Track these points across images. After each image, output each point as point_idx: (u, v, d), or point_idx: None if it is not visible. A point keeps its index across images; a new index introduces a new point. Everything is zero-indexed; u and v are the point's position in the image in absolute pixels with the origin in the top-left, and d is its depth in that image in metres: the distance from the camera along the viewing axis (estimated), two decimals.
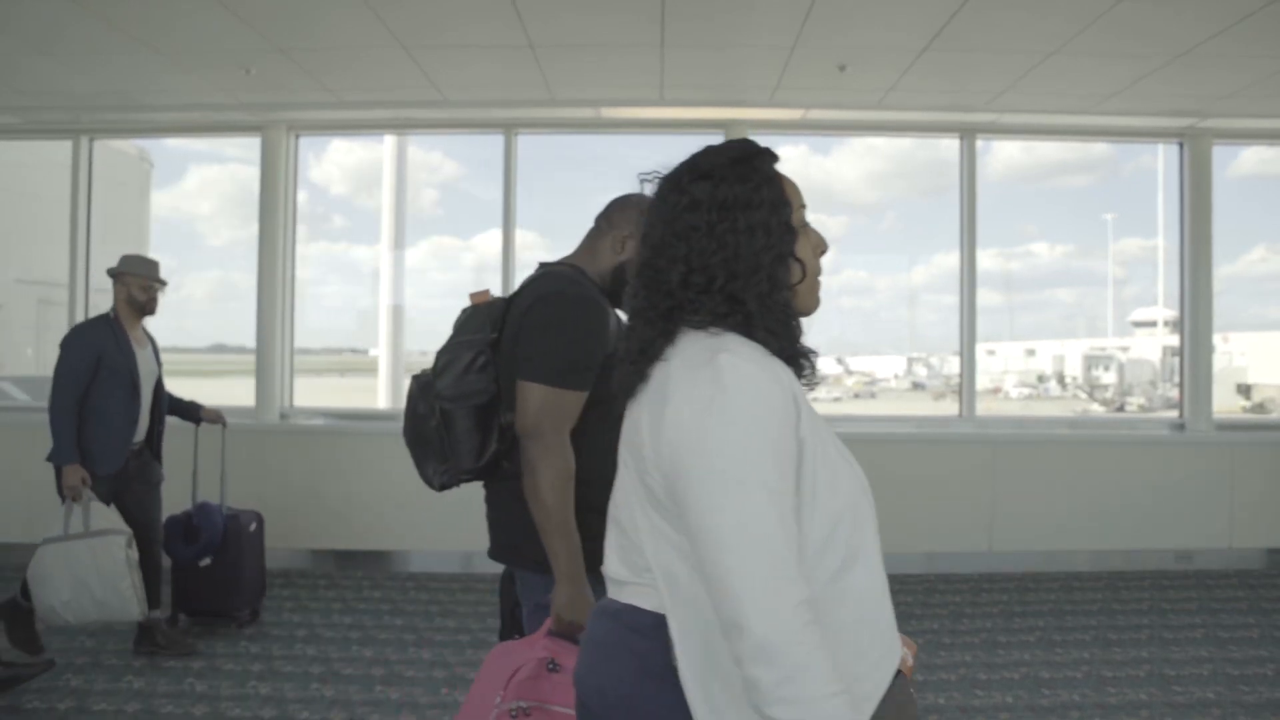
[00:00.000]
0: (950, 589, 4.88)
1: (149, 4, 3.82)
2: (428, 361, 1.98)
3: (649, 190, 1.33)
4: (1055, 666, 3.75)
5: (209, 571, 4.09)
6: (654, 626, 1.18)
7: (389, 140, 6.29)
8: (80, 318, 5.65)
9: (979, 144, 5.59)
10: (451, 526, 5.24)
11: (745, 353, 1.13)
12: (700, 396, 1.10)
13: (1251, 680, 3.59)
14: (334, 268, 6.63)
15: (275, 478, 4.25)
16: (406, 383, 2.01)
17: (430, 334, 6.64)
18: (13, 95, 5.06)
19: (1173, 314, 6.01)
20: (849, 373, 9.22)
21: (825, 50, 4.29)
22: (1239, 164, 6.20)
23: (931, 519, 5.18)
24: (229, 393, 4.41)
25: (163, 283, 3.93)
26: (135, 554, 3.51)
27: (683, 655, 1.14)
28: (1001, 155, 6.22)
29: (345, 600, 4.63)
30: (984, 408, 5.66)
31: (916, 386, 8.46)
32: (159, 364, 3.98)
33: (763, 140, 1.29)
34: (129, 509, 3.66)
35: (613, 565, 1.28)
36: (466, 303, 2.00)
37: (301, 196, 5.79)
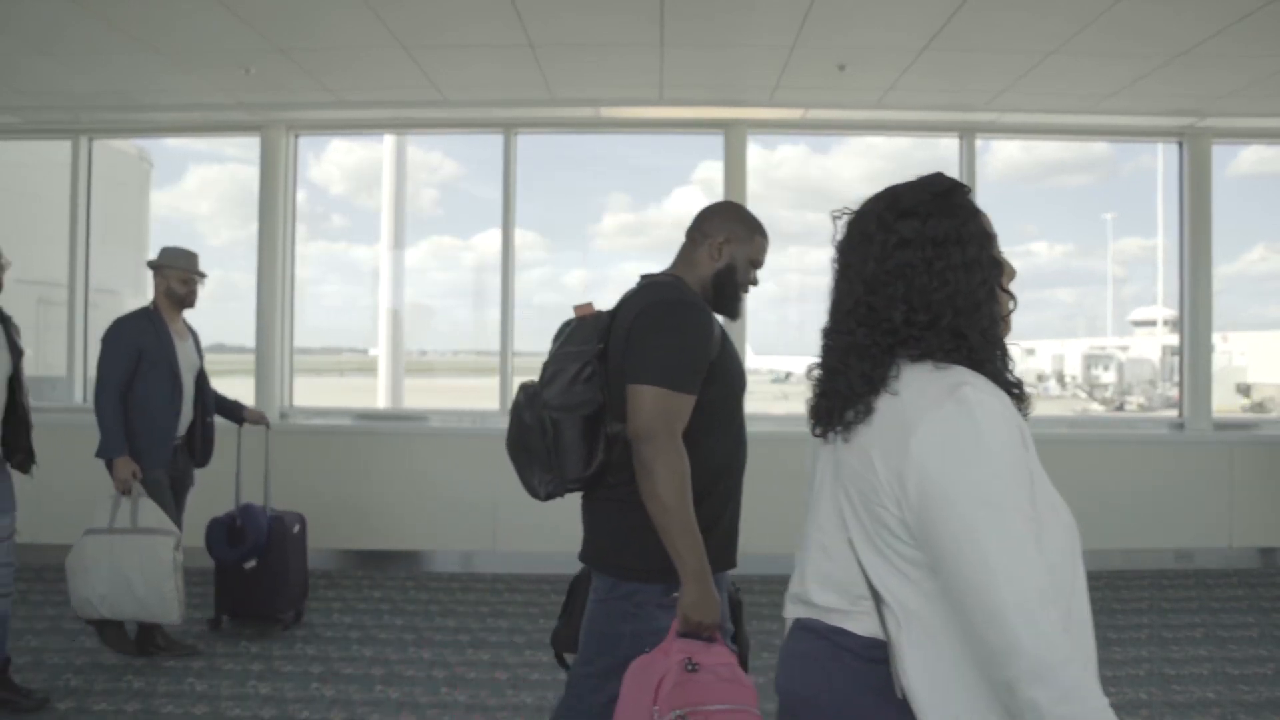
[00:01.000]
0: None
1: (149, 4, 3.82)
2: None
3: (839, 226, 1.39)
4: None
5: (253, 574, 4.06)
6: (867, 648, 1.21)
7: (388, 140, 6.30)
8: (80, 318, 5.66)
9: (978, 143, 5.59)
10: (452, 526, 5.26)
11: (983, 385, 1.16)
12: (950, 429, 1.12)
13: (1251, 679, 3.59)
14: (333, 267, 6.64)
15: (274, 477, 4.23)
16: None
17: (430, 334, 6.65)
18: (12, 95, 5.06)
19: (1172, 313, 6.02)
20: None
21: (825, 50, 4.29)
22: (1238, 163, 6.21)
23: None
24: (229, 392, 4.42)
25: (202, 275, 3.92)
26: (181, 556, 3.49)
27: (920, 685, 1.15)
28: (1001, 155, 6.24)
29: (345, 600, 4.63)
30: None
31: None
32: (200, 357, 3.97)
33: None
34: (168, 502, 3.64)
35: (819, 594, 1.29)
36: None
37: (301, 196, 5.80)
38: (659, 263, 2.19)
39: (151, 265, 3.86)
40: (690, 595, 1.76)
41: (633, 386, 1.83)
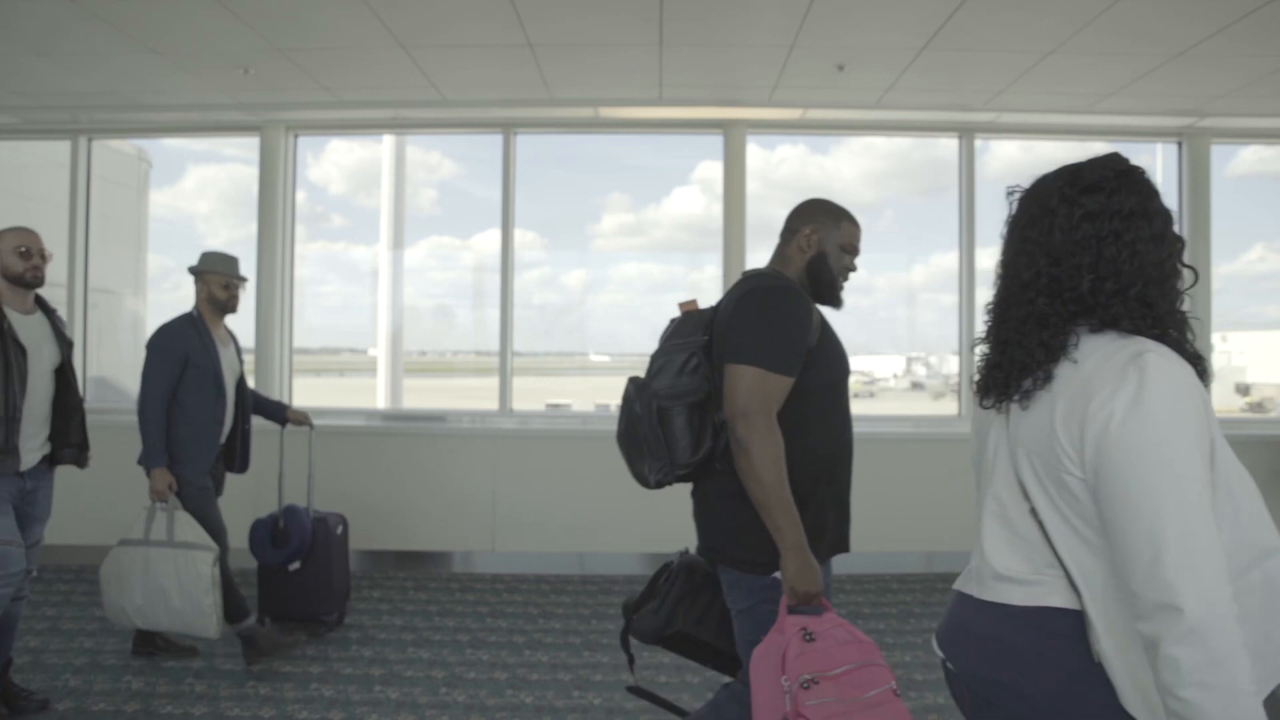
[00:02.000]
0: (950, 588, 4.87)
1: (148, 4, 3.82)
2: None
3: (1012, 202, 1.43)
4: None
5: (297, 575, 4.06)
6: (1071, 627, 1.22)
7: (388, 140, 6.29)
8: (79, 318, 5.66)
9: (977, 143, 5.60)
10: (451, 527, 5.26)
11: (1166, 354, 1.19)
12: (1132, 395, 1.15)
13: None
14: (333, 267, 6.62)
15: (271, 476, 4.23)
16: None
17: (429, 334, 6.64)
18: (11, 96, 5.06)
19: None
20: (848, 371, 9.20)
21: (824, 50, 4.30)
22: (1237, 163, 6.20)
23: (931, 518, 5.19)
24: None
25: (243, 279, 3.89)
26: (218, 572, 3.46)
27: (1110, 649, 1.18)
28: (1000, 154, 6.22)
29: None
30: None
31: (915, 386, 8.46)
32: (241, 362, 3.95)
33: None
34: (198, 515, 3.58)
35: (1005, 562, 1.30)
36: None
37: (300, 196, 5.79)
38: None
39: (192, 271, 3.83)
40: (792, 567, 1.81)
41: (729, 366, 1.89)
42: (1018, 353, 1.28)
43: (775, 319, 1.92)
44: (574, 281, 6.45)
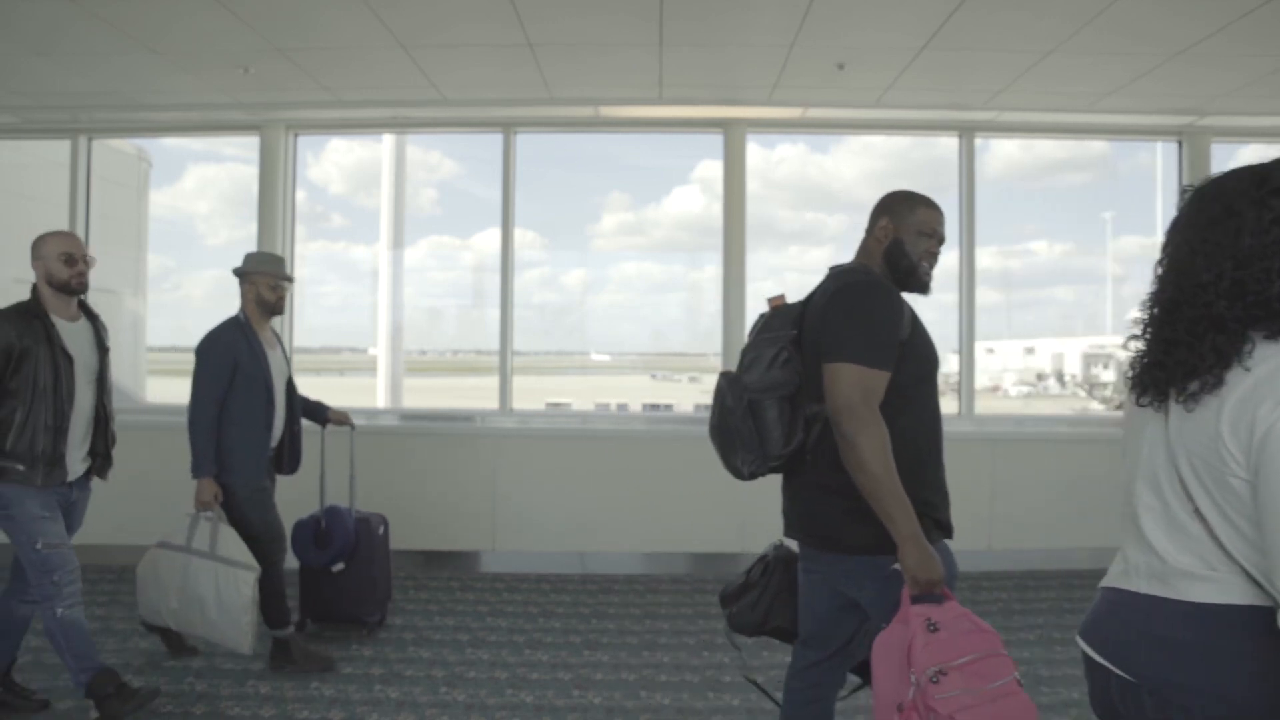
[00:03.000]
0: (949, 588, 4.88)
1: (147, 4, 3.82)
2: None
3: (1186, 200, 1.39)
4: (1055, 664, 3.76)
5: (340, 577, 4.03)
6: (1251, 622, 1.21)
7: (388, 139, 6.29)
8: None
9: (977, 142, 5.59)
10: (451, 526, 5.26)
11: None
12: None
13: None
14: (333, 267, 6.63)
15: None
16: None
17: (429, 333, 6.64)
18: (11, 95, 5.06)
19: None
20: None
21: (823, 49, 4.30)
22: (1237, 162, 6.17)
23: None
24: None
25: (290, 279, 3.84)
26: (258, 593, 3.42)
27: None
28: (1000, 153, 6.22)
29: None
30: (983, 406, 5.66)
31: None
32: (288, 363, 3.89)
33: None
34: (257, 521, 3.57)
35: (1174, 556, 1.29)
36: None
37: (300, 196, 5.79)
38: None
39: (238, 273, 3.76)
40: (911, 557, 1.83)
41: (829, 365, 1.93)
42: (1186, 354, 1.27)
43: (869, 315, 1.96)
44: (574, 281, 6.46)
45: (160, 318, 3.76)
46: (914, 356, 2.00)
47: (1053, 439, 5.41)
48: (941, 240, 2.23)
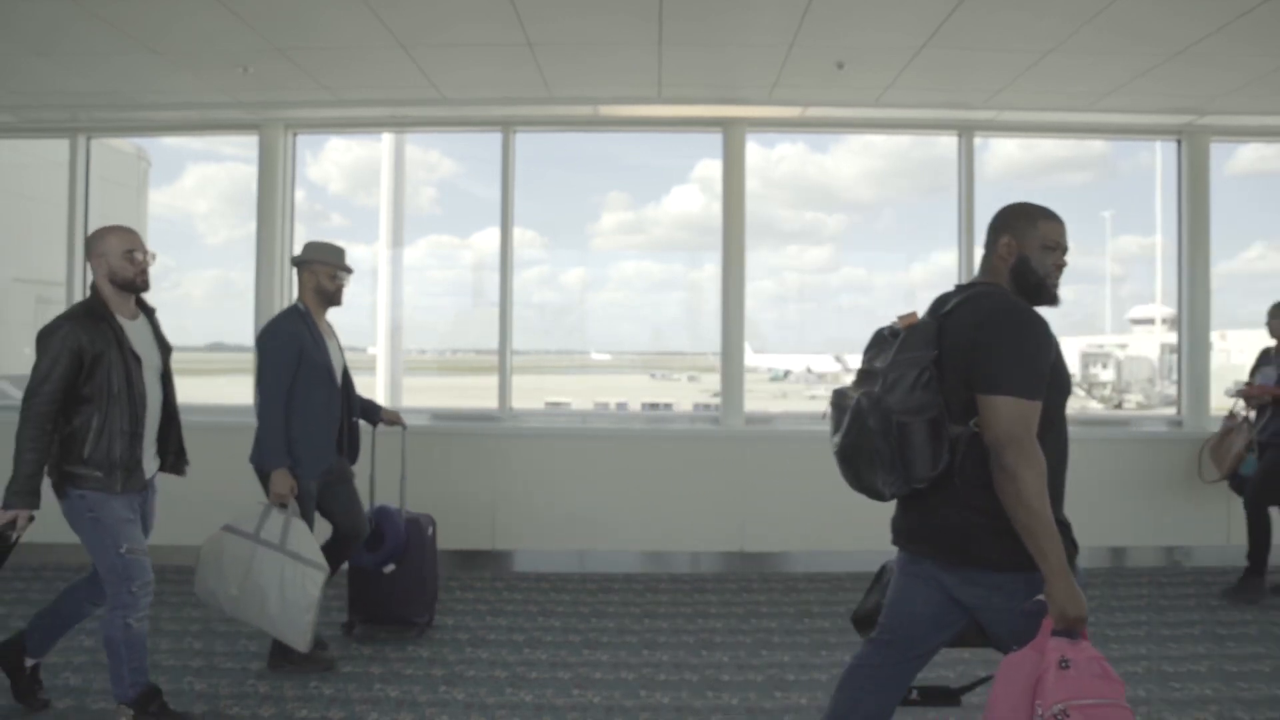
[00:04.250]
0: None
1: (147, 4, 3.81)
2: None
3: None
4: None
5: (390, 578, 3.98)
6: None
7: (387, 138, 6.29)
8: None
9: (977, 141, 5.60)
10: (449, 526, 5.25)
11: None
12: None
13: (1249, 676, 3.60)
14: None
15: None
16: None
17: (428, 332, 6.64)
18: (10, 95, 5.06)
19: (1171, 311, 6.02)
20: (847, 371, 9.22)
21: (823, 48, 4.29)
22: (1236, 161, 6.20)
23: None
24: (227, 391, 4.35)
25: (349, 270, 3.80)
26: (322, 594, 3.38)
27: None
28: (1000, 153, 6.22)
29: (341, 598, 4.62)
30: None
31: None
32: (343, 354, 3.84)
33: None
34: (335, 513, 3.50)
35: None
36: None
37: (299, 195, 5.79)
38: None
39: (296, 262, 3.72)
40: (1061, 593, 1.85)
41: (989, 397, 1.94)
42: None
43: (1026, 345, 1.96)
44: (573, 280, 6.46)
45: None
46: (1057, 383, 2.02)
47: None
48: (1065, 250, 2.22)
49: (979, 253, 2.23)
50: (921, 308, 2.21)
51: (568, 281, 6.44)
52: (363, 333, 6.51)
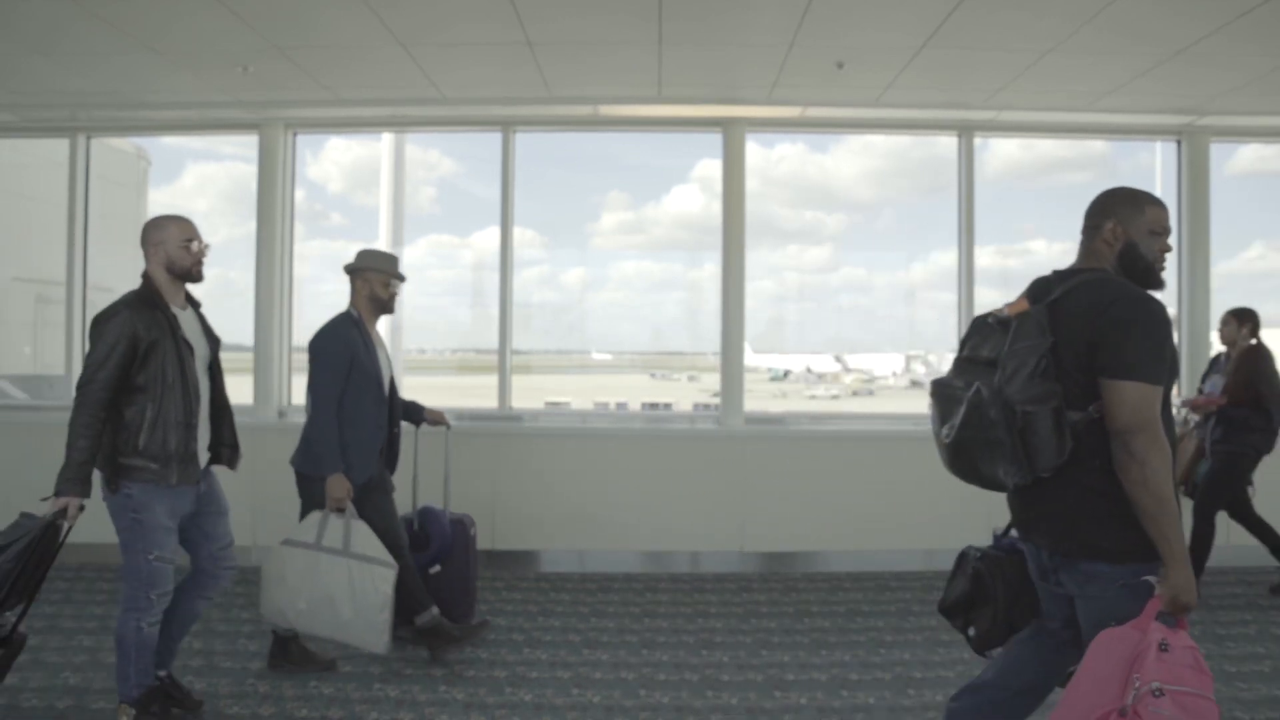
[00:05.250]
0: None
1: (147, 3, 3.81)
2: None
3: None
4: None
5: (436, 579, 3.93)
6: None
7: (387, 138, 6.29)
8: (78, 316, 5.64)
9: (977, 141, 5.60)
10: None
11: None
12: None
13: (1249, 676, 3.60)
14: (332, 265, 6.56)
15: (269, 475, 4.21)
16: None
17: (428, 332, 6.64)
18: (10, 94, 5.06)
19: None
20: (847, 370, 9.24)
21: (823, 48, 4.30)
22: (1236, 161, 6.20)
23: (930, 516, 5.18)
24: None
25: (403, 278, 3.79)
26: (394, 592, 3.37)
27: None
28: (999, 153, 6.22)
29: None
30: None
31: (915, 384, 8.46)
32: (390, 364, 3.81)
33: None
34: (370, 518, 3.52)
35: None
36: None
37: (299, 194, 5.79)
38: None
39: (350, 270, 3.72)
40: (1179, 580, 1.88)
41: (1116, 382, 1.94)
42: None
43: (1151, 331, 1.97)
44: (573, 280, 6.46)
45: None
46: (1172, 368, 2.03)
47: None
48: (1169, 234, 2.21)
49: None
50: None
51: (568, 281, 6.44)
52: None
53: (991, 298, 6.00)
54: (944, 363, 6.76)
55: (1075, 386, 1.98)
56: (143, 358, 2.81)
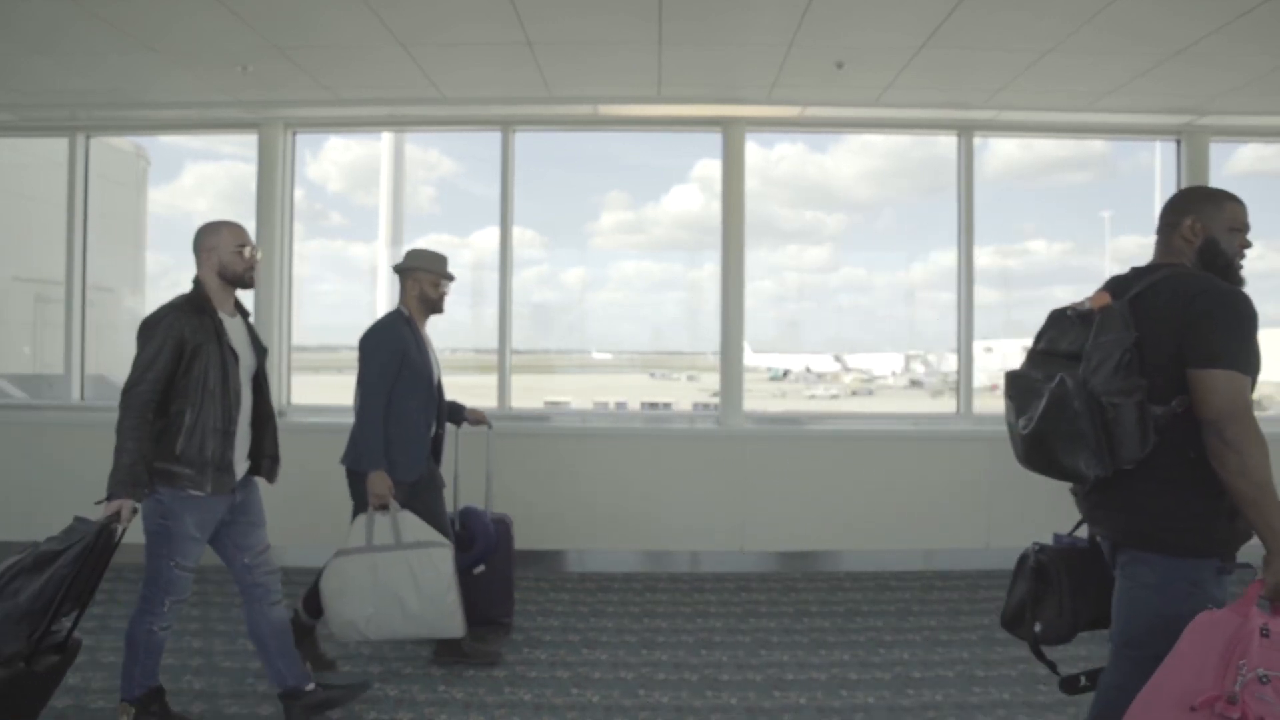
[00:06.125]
0: (948, 586, 4.89)
1: (147, 3, 3.81)
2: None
3: None
4: None
5: (479, 579, 3.93)
6: None
7: (386, 137, 6.30)
8: (77, 316, 5.64)
9: (976, 141, 5.60)
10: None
11: None
12: None
13: None
14: (331, 265, 6.61)
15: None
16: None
17: (428, 331, 6.63)
18: (9, 93, 5.05)
19: None
20: (847, 370, 9.23)
21: (823, 48, 4.29)
22: (1236, 161, 6.20)
23: (929, 516, 5.19)
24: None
25: (452, 278, 3.80)
26: (454, 568, 3.35)
27: None
28: (999, 152, 6.22)
29: None
30: (982, 405, 5.66)
31: (914, 384, 8.45)
32: (439, 365, 3.82)
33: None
34: (420, 516, 3.51)
35: None
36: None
37: (299, 194, 5.79)
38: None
39: (399, 270, 3.72)
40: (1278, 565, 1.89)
41: (1206, 371, 1.95)
42: None
43: (1243, 321, 1.99)
44: (573, 280, 6.45)
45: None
46: (1259, 361, 2.04)
47: None
48: (1248, 230, 2.25)
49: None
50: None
51: (567, 281, 6.44)
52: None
53: (992, 297, 6.00)
54: (944, 362, 6.77)
55: (1158, 380, 1.99)
56: (186, 362, 2.80)
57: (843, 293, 6.66)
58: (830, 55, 4.40)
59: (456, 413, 4.04)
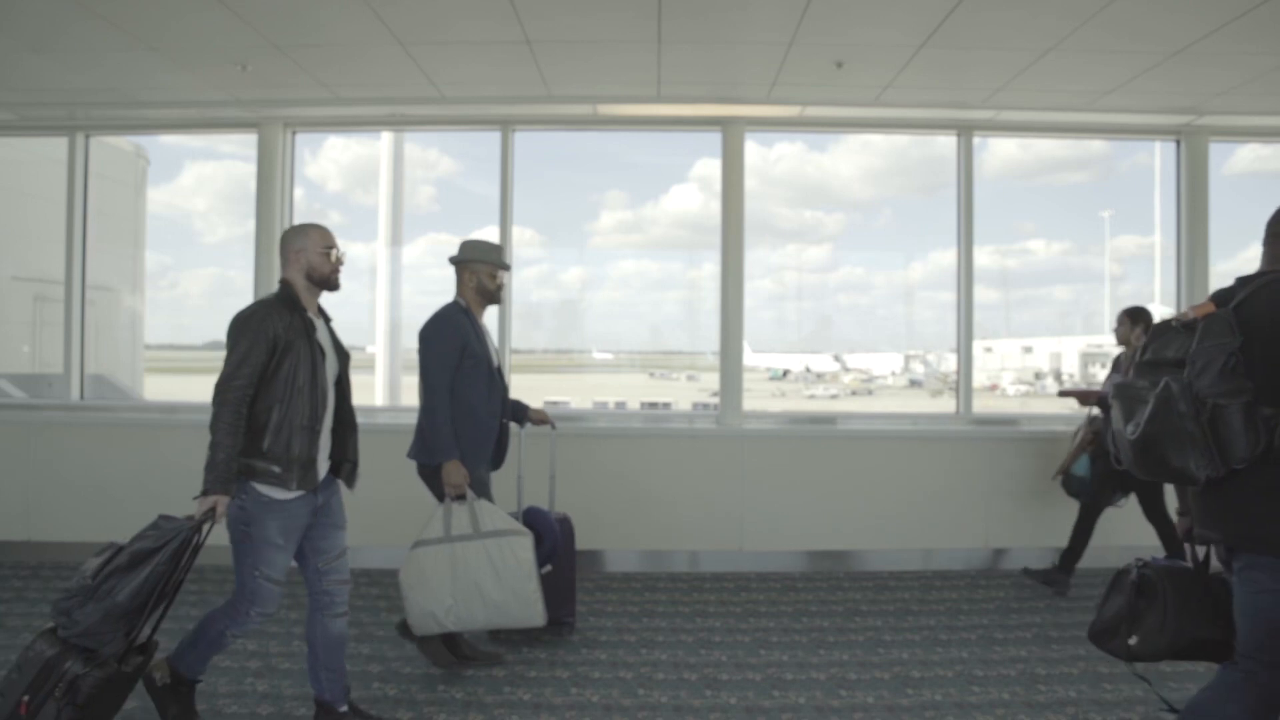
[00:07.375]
0: (947, 585, 4.89)
1: (146, 2, 3.81)
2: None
3: None
4: (1051, 663, 3.76)
5: (546, 578, 3.79)
6: None
7: (386, 137, 6.30)
8: (77, 315, 5.64)
9: (976, 141, 5.60)
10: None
11: None
12: None
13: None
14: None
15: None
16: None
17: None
18: (9, 93, 5.05)
19: (1170, 311, 6.02)
20: (846, 370, 9.23)
21: (822, 47, 4.29)
22: (1235, 161, 6.21)
23: (928, 516, 5.19)
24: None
25: (507, 268, 3.77)
26: (534, 556, 3.33)
27: None
28: (998, 152, 6.23)
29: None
30: (981, 405, 5.67)
31: (913, 383, 8.47)
32: (498, 354, 3.80)
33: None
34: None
35: None
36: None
37: (298, 193, 5.79)
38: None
39: (455, 261, 3.70)
40: None
41: None
42: None
43: None
44: (572, 279, 6.46)
45: (158, 315, 3.68)
46: None
47: (1050, 438, 5.41)
48: None
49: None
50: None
51: (567, 280, 6.44)
52: (362, 331, 6.51)
53: (991, 297, 6.01)
54: (943, 362, 6.77)
55: (1266, 383, 2.02)
56: (277, 359, 2.79)
57: (842, 292, 6.67)
58: (830, 55, 4.40)
59: (520, 412, 4.02)
